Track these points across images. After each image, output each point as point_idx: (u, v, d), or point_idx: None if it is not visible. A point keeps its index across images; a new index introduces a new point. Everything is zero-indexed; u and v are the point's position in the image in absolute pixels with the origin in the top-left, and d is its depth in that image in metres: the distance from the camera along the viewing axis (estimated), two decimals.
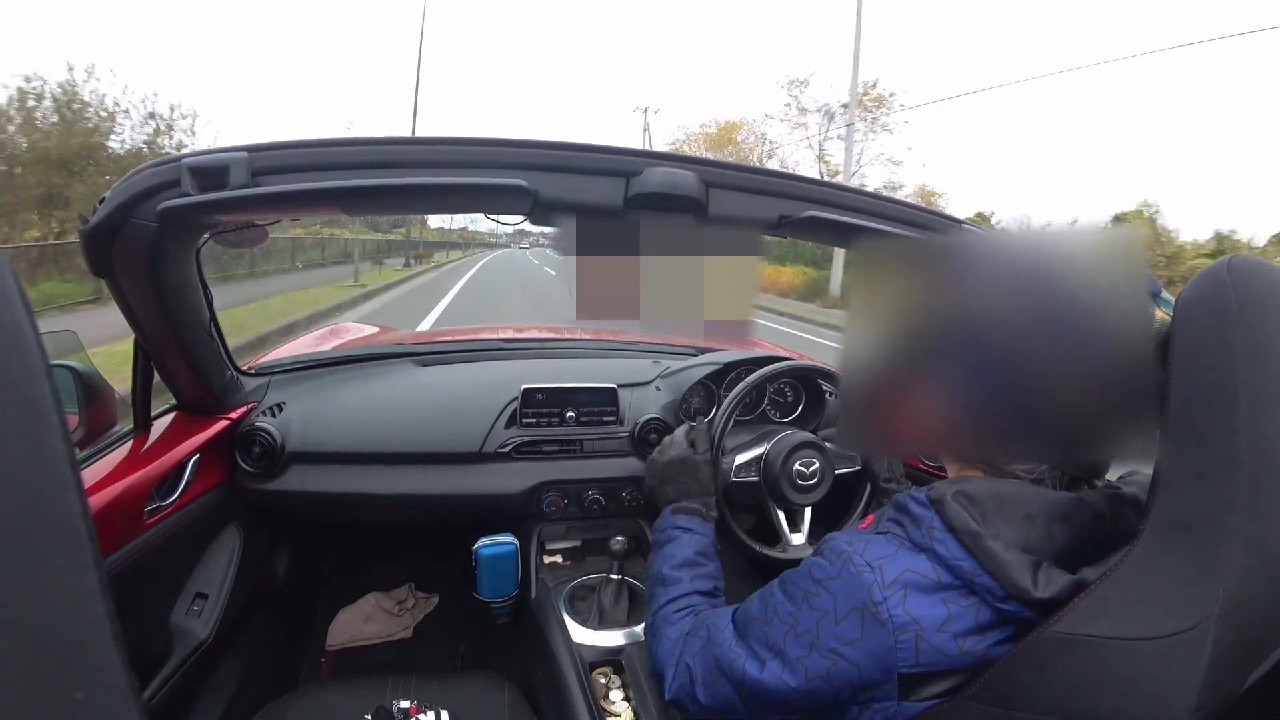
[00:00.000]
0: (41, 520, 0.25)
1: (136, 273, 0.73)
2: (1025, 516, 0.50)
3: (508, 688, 0.95)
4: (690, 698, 0.64)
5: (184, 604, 0.95)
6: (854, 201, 0.74)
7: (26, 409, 0.26)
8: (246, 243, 0.81)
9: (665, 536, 0.84)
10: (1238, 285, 0.43)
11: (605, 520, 1.20)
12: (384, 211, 0.69)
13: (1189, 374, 0.44)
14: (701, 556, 0.81)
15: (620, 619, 1.01)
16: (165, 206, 0.62)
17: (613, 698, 0.89)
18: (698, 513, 0.86)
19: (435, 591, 1.57)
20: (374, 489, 1.10)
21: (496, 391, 1.19)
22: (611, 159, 0.64)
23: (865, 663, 0.50)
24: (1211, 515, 0.42)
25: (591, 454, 1.19)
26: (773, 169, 0.79)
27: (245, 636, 1.12)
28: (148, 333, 0.84)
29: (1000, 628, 0.48)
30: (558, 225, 0.70)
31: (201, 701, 1.00)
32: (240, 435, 1.05)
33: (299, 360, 1.27)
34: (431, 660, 1.42)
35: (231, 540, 1.05)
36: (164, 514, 0.88)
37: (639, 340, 1.57)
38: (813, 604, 0.53)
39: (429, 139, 0.63)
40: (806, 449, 1.03)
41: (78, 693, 0.25)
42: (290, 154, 0.61)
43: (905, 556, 0.51)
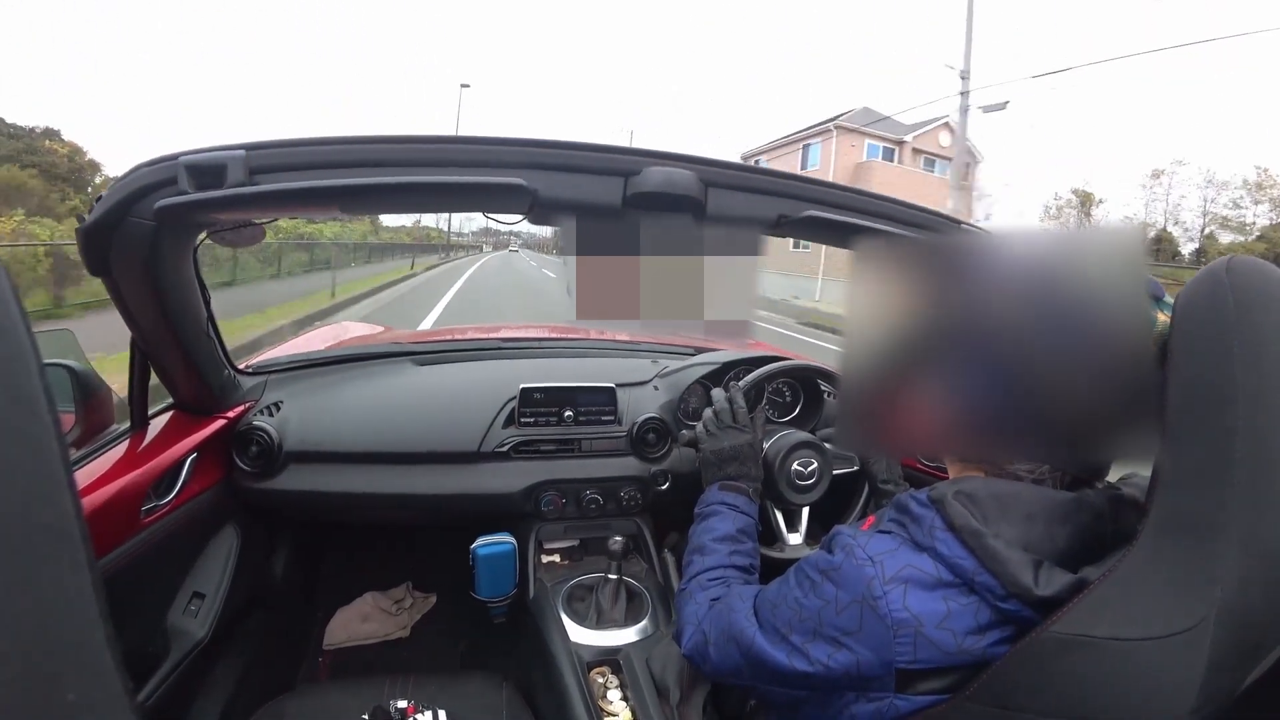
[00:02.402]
0: (35, 520, 0.25)
1: (133, 271, 0.73)
2: (1026, 516, 0.50)
3: (505, 687, 0.95)
4: (703, 657, 0.68)
5: (181, 603, 0.95)
6: (853, 201, 0.74)
7: (19, 408, 0.25)
8: (243, 241, 0.81)
9: (710, 510, 0.88)
10: (1236, 286, 0.43)
11: (603, 520, 1.20)
12: (382, 210, 0.69)
13: (1187, 374, 0.44)
14: (743, 534, 0.84)
15: (618, 619, 1.01)
16: (162, 205, 0.62)
17: (610, 697, 0.89)
18: (744, 493, 0.89)
19: (433, 591, 1.57)
20: (372, 488, 1.09)
21: (495, 391, 1.19)
22: (610, 158, 0.64)
23: (863, 654, 0.50)
24: (1209, 515, 0.42)
25: (590, 453, 1.19)
26: (772, 169, 0.79)
27: (242, 636, 1.11)
28: (145, 331, 0.83)
29: (1000, 627, 0.48)
30: (557, 224, 0.70)
31: (199, 701, 1.00)
32: (238, 434, 1.04)
33: (297, 359, 1.27)
34: (429, 660, 1.42)
35: (229, 540, 1.05)
36: (161, 513, 0.88)
37: (637, 340, 1.57)
38: (817, 593, 0.55)
39: (427, 137, 0.63)
40: (805, 449, 1.03)
41: (71, 694, 0.25)
42: (288, 152, 0.61)
43: (906, 553, 0.51)
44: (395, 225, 31.49)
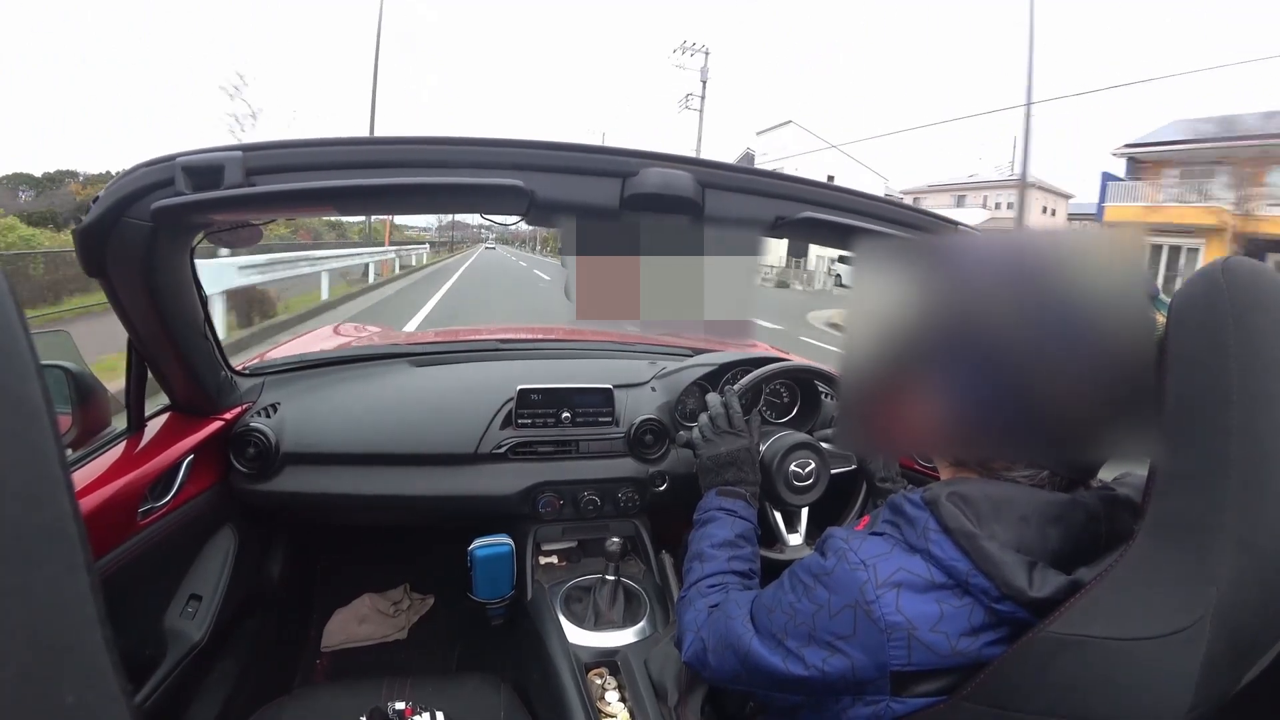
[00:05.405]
0: (32, 522, 0.25)
1: (130, 272, 0.73)
2: (1020, 518, 0.50)
3: (503, 689, 0.95)
4: (702, 664, 0.68)
5: (178, 606, 0.95)
6: (850, 203, 0.74)
7: (16, 409, 0.25)
8: (241, 242, 0.81)
9: (708, 516, 0.88)
10: (1232, 287, 0.44)
11: (601, 521, 1.20)
12: (379, 211, 0.69)
13: (1184, 375, 0.45)
14: (741, 539, 0.84)
15: (616, 620, 1.01)
16: (159, 205, 0.62)
17: (608, 699, 0.89)
18: (742, 497, 0.89)
19: (430, 593, 1.56)
20: (369, 490, 1.09)
21: (492, 392, 1.19)
22: (608, 159, 0.64)
23: (858, 658, 0.50)
24: (1206, 516, 0.42)
25: (587, 455, 1.18)
26: (769, 170, 0.79)
27: (240, 638, 1.11)
28: (141, 333, 0.83)
29: (994, 628, 0.48)
30: (557, 225, 0.70)
31: (196, 704, 1.00)
32: (235, 436, 1.04)
33: (293, 360, 1.26)
34: (427, 662, 1.42)
35: (226, 541, 1.04)
36: (158, 515, 0.88)
37: (635, 341, 1.57)
38: (811, 597, 0.54)
39: (425, 139, 0.63)
40: (802, 450, 1.03)
41: (69, 696, 0.24)
42: (285, 153, 0.61)
43: (899, 556, 0.51)
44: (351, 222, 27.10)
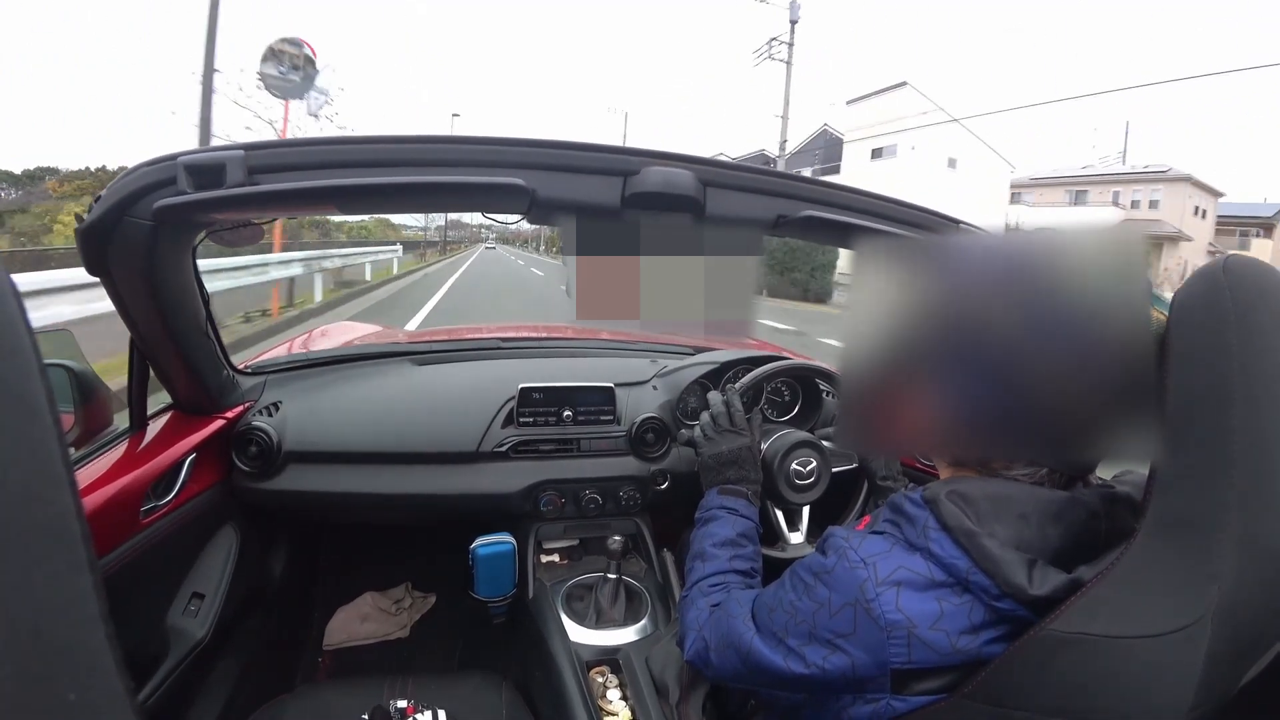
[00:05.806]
0: (34, 520, 0.25)
1: (132, 271, 0.73)
2: (1019, 516, 0.50)
3: (505, 687, 0.95)
4: (705, 663, 0.69)
5: (180, 604, 0.95)
6: (851, 201, 0.74)
7: (19, 408, 0.25)
8: (242, 241, 0.81)
9: (709, 515, 0.88)
10: (1234, 285, 0.44)
11: (602, 520, 1.20)
12: (380, 210, 0.69)
13: (1185, 374, 0.44)
14: (743, 538, 0.84)
15: (618, 618, 1.01)
16: (161, 205, 0.62)
17: (610, 697, 0.89)
18: (744, 496, 0.89)
19: (432, 591, 1.57)
20: (371, 488, 1.09)
21: (494, 391, 1.19)
22: (609, 158, 0.64)
23: (858, 656, 0.51)
24: (1207, 514, 0.42)
25: (589, 453, 1.19)
26: (770, 169, 0.79)
27: (242, 636, 1.11)
28: (143, 332, 0.83)
29: (994, 626, 0.49)
30: (557, 224, 0.70)
31: (198, 702, 1.00)
32: (237, 435, 1.04)
33: (295, 359, 1.27)
34: (428, 660, 1.42)
35: (228, 540, 1.05)
36: (160, 514, 0.88)
37: (636, 339, 1.57)
38: (811, 596, 0.55)
39: (426, 137, 0.63)
40: (804, 448, 1.03)
41: (71, 694, 0.25)
42: (287, 152, 0.61)
43: (899, 554, 0.51)
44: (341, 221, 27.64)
